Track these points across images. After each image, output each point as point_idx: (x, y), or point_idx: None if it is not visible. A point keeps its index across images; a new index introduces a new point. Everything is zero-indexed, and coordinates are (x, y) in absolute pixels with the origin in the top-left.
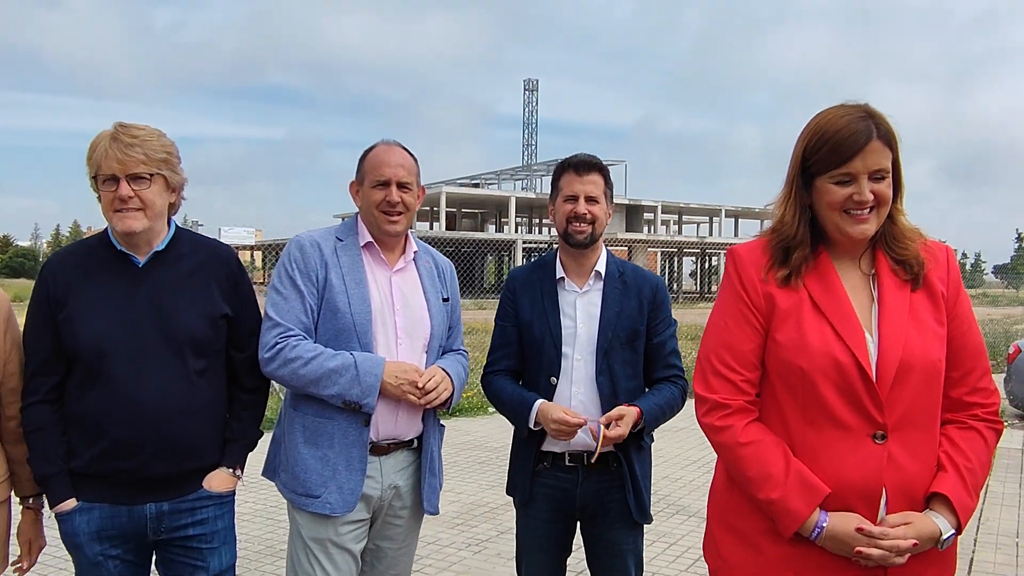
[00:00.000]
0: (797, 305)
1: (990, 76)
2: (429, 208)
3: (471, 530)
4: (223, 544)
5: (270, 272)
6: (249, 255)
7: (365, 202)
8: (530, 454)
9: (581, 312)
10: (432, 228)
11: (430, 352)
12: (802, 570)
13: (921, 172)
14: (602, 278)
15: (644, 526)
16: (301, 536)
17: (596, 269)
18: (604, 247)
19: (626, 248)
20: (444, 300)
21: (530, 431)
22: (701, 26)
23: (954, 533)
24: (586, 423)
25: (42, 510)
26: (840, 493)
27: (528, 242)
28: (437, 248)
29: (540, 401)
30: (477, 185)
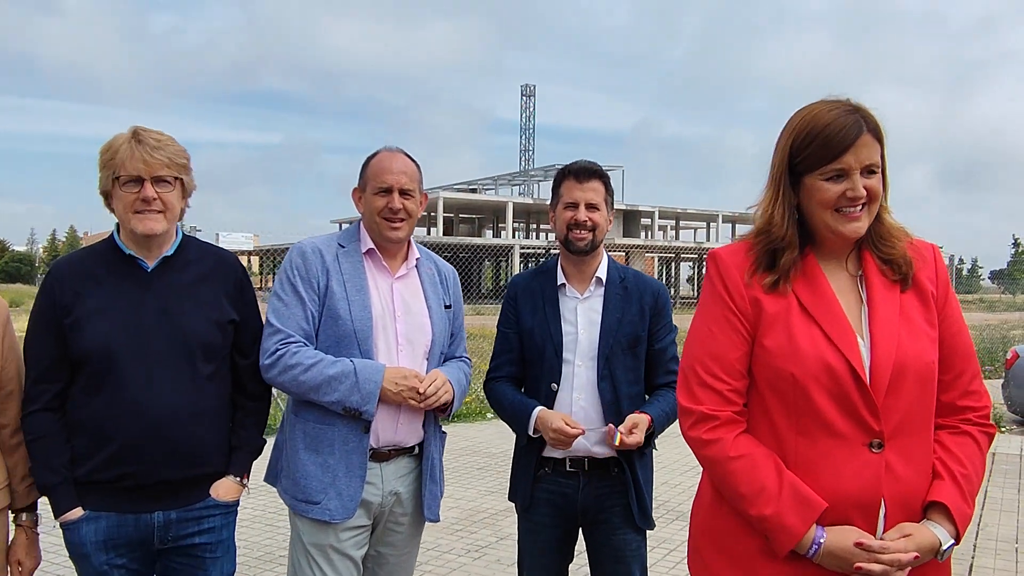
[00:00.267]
0: (785, 309)
1: (987, 82)
2: (426, 213)
3: (471, 536)
4: (225, 554)
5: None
6: (247, 260)
7: (367, 209)
8: (531, 460)
9: (582, 318)
10: (429, 233)
11: (431, 359)
12: None
13: (918, 177)
14: (603, 284)
15: (648, 532)
16: (302, 542)
17: (597, 275)
18: (605, 253)
19: (623, 254)
20: (446, 307)
21: (530, 437)
22: (698, 32)
23: (953, 543)
24: (584, 433)
25: (36, 527)
26: (837, 506)
27: (525, 247)
28: (434, 253)
29: (539, 408)
30: (475, 190)
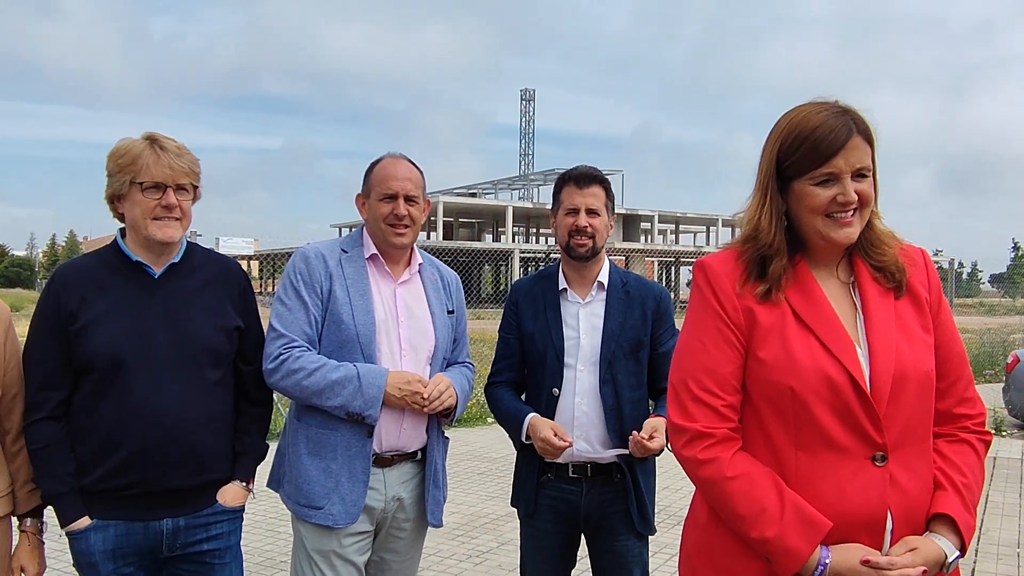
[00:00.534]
0: (780, 319)
1: (987, 85)
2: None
3: (472, 541)
4: (233, 560)
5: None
6: (247, 265)
7: (372, 215)
8: (534, 466)
9: (584, 323)
10: (429, 238)
11: (434, 364)
12: None
13: (917, 181)
14: (605, 289)
15: (649, 538)
16: (305, 548)
17: (599, 280)
18: (607, 258)
19: (623, 258)
20: (449, 312)
21: (526, 444)
22: (698, 36)
23: (959, 555)
24: (572, 445)
25: (41, 534)
26: (841, 523)
27: (525, 252)
28: (433, 257)
29: (532, 416)
30: (474, 195)
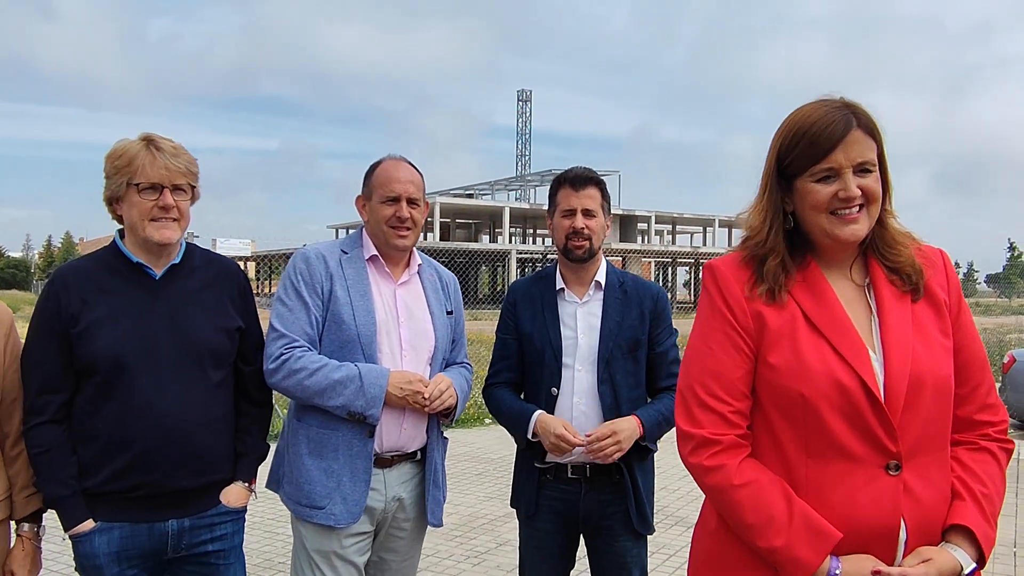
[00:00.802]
0: (790, 323)
1: (984, 86)
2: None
3: (470, 542)
4: (237, 560)
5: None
6: (244, 266)
7: (373, 217)
8: (534, 467)
9: (582, 323)
10: (426, 238)
11: (434, 364)
12: None
13: (915, 182)
14: (602, 288)
15: (648, 538)
16: (305, 548)
17: (596, 279)
18: (604, 258)
19: (620, 258)
20: (448, 313)
21: (530, 443)
22: (696, 37)
23: (976, 567)
24: (584, 443)
25: (39, 540)
26: (853, 534)
27: (522, 252)
28: (431, 259)
29: (539, 413)
30: (471, 195)
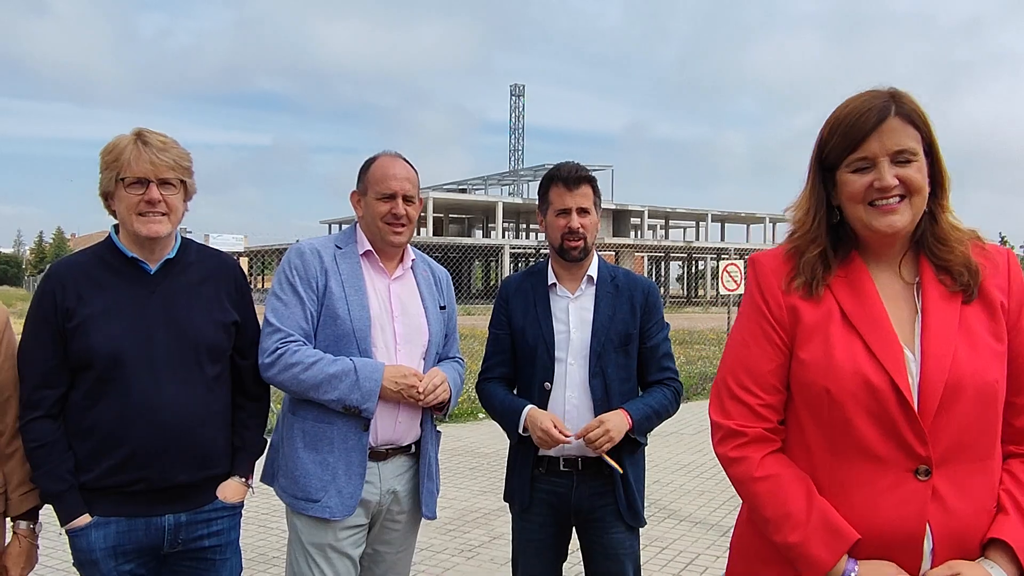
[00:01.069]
0: (825, 318)
1: (975, 82)
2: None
3: (464, 536)
4: (234, 555)
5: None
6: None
7: (369, 213)
8: (527, 461)
9: (574, 317)
10: (419, 234)
11: (428, 359)
12: None
13: None
14: (594, 283)
15: (640, 531)
16: (300, 541)
17: (588, 274)
18: (596, 253)
19: (613, 253)
20: (441, 308)
21: (522, 437)
22: (689, 33)
23: None
24: (571, 441)
25: (35, 537)
26: (874, 538)
27: (516, 247)
28: (425, 254)
29: (529, 407)
30: (464, 190)
